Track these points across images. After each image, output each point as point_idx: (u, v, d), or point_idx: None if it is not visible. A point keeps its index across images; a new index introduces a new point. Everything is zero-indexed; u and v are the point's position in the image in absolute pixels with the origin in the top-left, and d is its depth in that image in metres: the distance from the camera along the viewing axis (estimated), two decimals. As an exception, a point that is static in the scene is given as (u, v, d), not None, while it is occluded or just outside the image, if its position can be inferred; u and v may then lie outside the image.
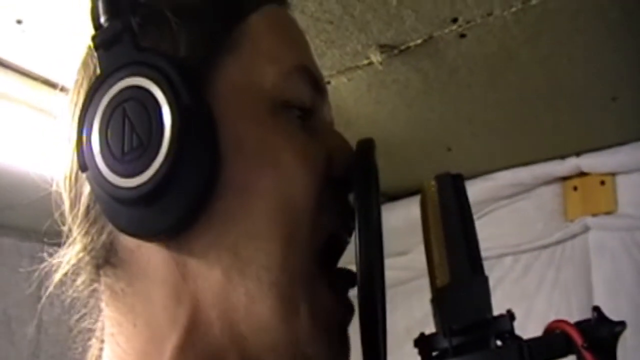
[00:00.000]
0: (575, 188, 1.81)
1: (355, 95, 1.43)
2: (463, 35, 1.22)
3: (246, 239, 0.41)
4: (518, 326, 0.40)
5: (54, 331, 1.73)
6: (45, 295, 0.47)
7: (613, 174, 1.76)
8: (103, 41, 0.42)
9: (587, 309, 0.40)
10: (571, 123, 1.61)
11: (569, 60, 1.33)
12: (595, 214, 1.76)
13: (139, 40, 0.41)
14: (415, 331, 0.43)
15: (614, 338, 0.38)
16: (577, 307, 1.71)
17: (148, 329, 0.42)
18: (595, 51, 1.30)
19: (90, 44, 0.43)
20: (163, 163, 0.39)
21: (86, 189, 0.43)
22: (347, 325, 0.45)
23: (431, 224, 0.43)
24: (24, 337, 1.74)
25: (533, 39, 1.24)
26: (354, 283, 0.42)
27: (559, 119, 1.59)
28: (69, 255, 0.45)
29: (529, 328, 0.40)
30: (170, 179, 0.39)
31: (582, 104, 1.51)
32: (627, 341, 1.41)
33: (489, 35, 1.22)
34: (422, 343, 0.42)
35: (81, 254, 0.44)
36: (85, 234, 0.44)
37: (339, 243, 0.46)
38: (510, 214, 1.88)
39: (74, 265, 0.45)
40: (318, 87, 0.47)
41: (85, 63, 0.46)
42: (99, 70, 0.43)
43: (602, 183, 1.77)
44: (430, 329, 0.42)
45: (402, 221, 1.71)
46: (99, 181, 0.41)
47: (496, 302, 0.41)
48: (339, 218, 0.45)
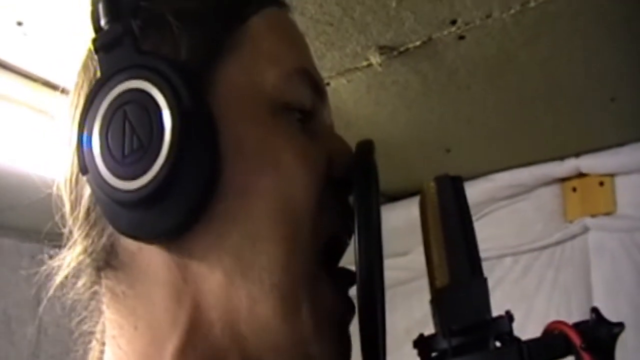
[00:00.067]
0: (574, 189, 1.82)
1: (354, 96, 1.43)
2: (462, 37, 1.22)
3: (247, 240, 0.41)
4: (518, 327, 0.40)
5: (54, 331, 1.73)
6: (46, 298, 0.47)
7: (612, 175, 1.76)
8: (103, 44, 0.42)
9: (587, 309, 0.40)
10: (570, 124, 1.61)
11: (568, 62, 1.33)
12: (594, 215, 1.76)
13: (139, 44, 0.41)
14: (415, 332, 0.43)
15: (613, 339, 0.39)
16: (577, 308, 1.71)
17: (149, 331, 0.42)
18: (594, 52, 1.30)
19: (91, 46, 0.43)
20: (163, 165, 0.39)
21: (87, 191, 0.43)
22: (349, 324, 0.45)
23: (431, 226, 0.43)
24: (24, 337, 1.74)
25: (532, 40, 1.24)
26: (354, 282, 0.42)
27: (558, 120, 1.59)
28: (70, 258, 0.45)
29: (528, 328, 0.40)
30: (171, 181, 0.39)
31: (581, 105, 1.52)
32: (628, 342, 1.41)
33: (488, 37, 1.22)
34: (422, 344, 0.42)
35: (82, 257, 0.44)
36: (85, 236, 0.44)
37: (339, 244, 0.46)
38: (509, 215, 1.88)
39: (74, 268, 0.45)
40: (318, 90, 0.47)
41: (85, 66, 0.46)
42: (99, 73, 0.43)
43: (601, 184, 1.77)
44: (429, 329, 0.42)
45: (402, 222, 1.71)
46: (100, 184, 0.41)
47: (496, 303, 0.41)
48: (339, 219, 0.45)
